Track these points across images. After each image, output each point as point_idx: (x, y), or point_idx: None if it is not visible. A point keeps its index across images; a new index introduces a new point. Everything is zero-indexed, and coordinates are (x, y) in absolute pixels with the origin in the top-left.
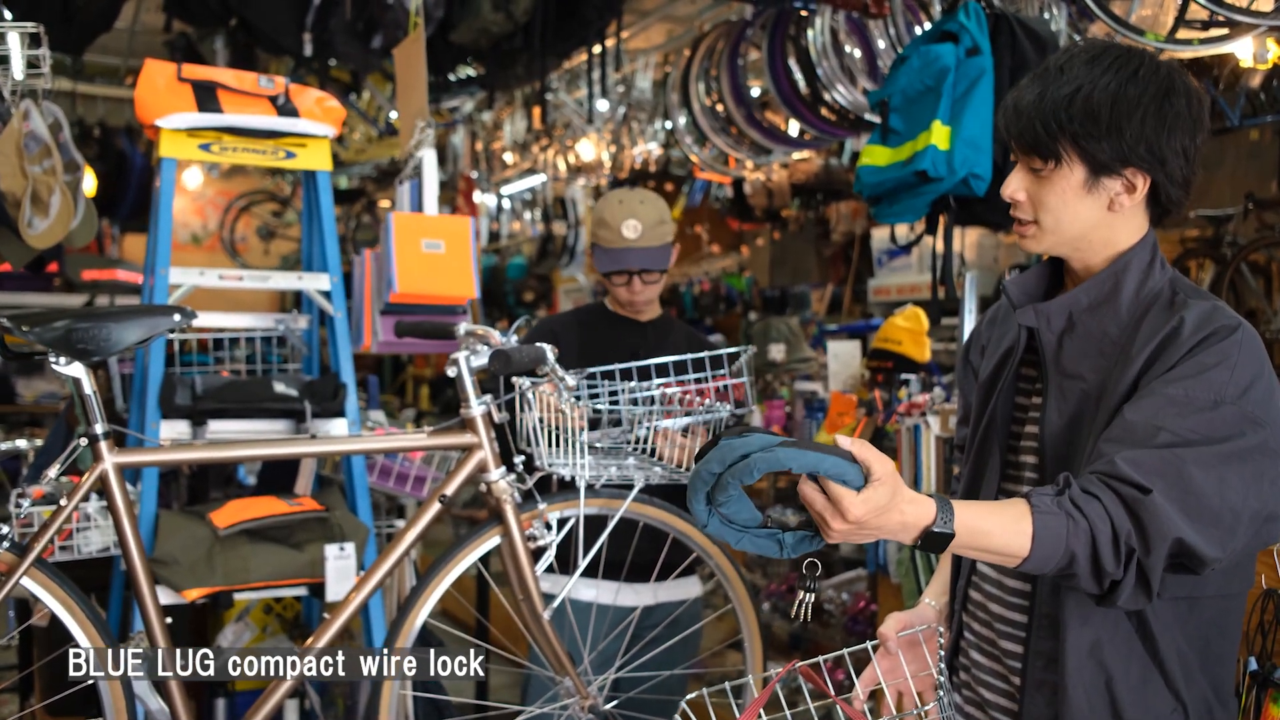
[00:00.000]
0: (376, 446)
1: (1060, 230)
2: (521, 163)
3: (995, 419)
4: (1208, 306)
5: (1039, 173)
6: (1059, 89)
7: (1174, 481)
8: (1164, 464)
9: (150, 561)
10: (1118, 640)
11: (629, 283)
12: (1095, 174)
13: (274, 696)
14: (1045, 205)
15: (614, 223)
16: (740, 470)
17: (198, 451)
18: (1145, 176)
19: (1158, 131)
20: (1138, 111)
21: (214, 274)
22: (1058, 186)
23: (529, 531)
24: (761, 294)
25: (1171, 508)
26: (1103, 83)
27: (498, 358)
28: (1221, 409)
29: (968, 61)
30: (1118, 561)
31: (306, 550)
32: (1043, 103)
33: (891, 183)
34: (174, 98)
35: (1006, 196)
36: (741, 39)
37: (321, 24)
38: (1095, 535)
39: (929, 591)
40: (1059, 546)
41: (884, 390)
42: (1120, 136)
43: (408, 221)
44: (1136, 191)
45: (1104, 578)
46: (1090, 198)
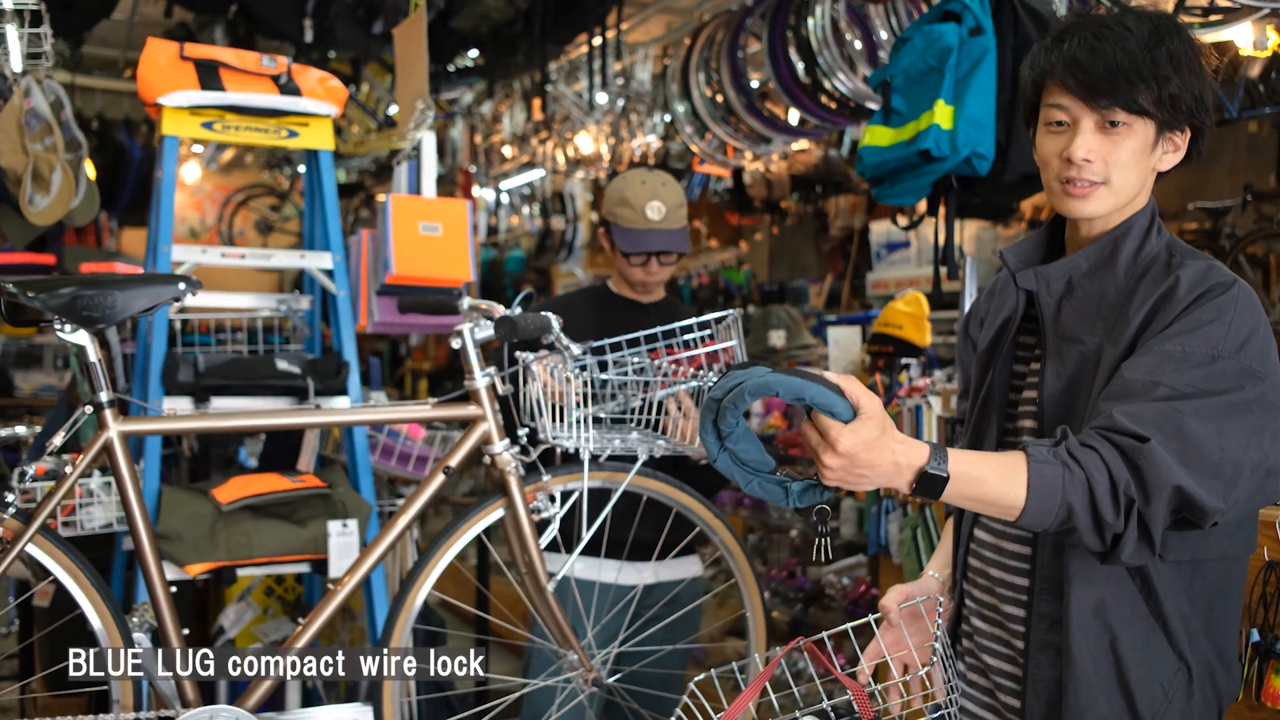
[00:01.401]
0: (380, 417)
1: (1125, 189)
2: (520, 156)
3: (994, 387)
4: (1203, 265)
5: (1115, 129)
6: (1138, 44)
7: (1172, 433)
8: (1161, 416)
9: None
10: (1121, 600)
11: (646, 263)
12: (1161, 129)
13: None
14: (1119, 163)
15: (637, 203)
16: (735, 396)
17: (201, 421)
18: (1188, 132)
19: (1204, 85)
20: (1193, 68)
21: (216, 252)
22: (1130, 144)
23: (533, 504)
24: (760, 288)
25: (1170, 457)
26: (1174, 41)
27: (503, 324)
28: (1219, 363)
29: (970, 41)
30: (1117, 512)
31: (309, 526)
32: (1130, 57)
33: (894, 163)
34: (176, 75)
35: (1079, 158)
36: (741, 29)
37: (322, 10)
38: (1093, 485)
39: (932, 564)
40: (1055, 497)
41: (885, 375)
42: (1193, 91)
43: (405, 204)
44: (1178, 151)
45: (1105, 530)
46: (1151, 156)
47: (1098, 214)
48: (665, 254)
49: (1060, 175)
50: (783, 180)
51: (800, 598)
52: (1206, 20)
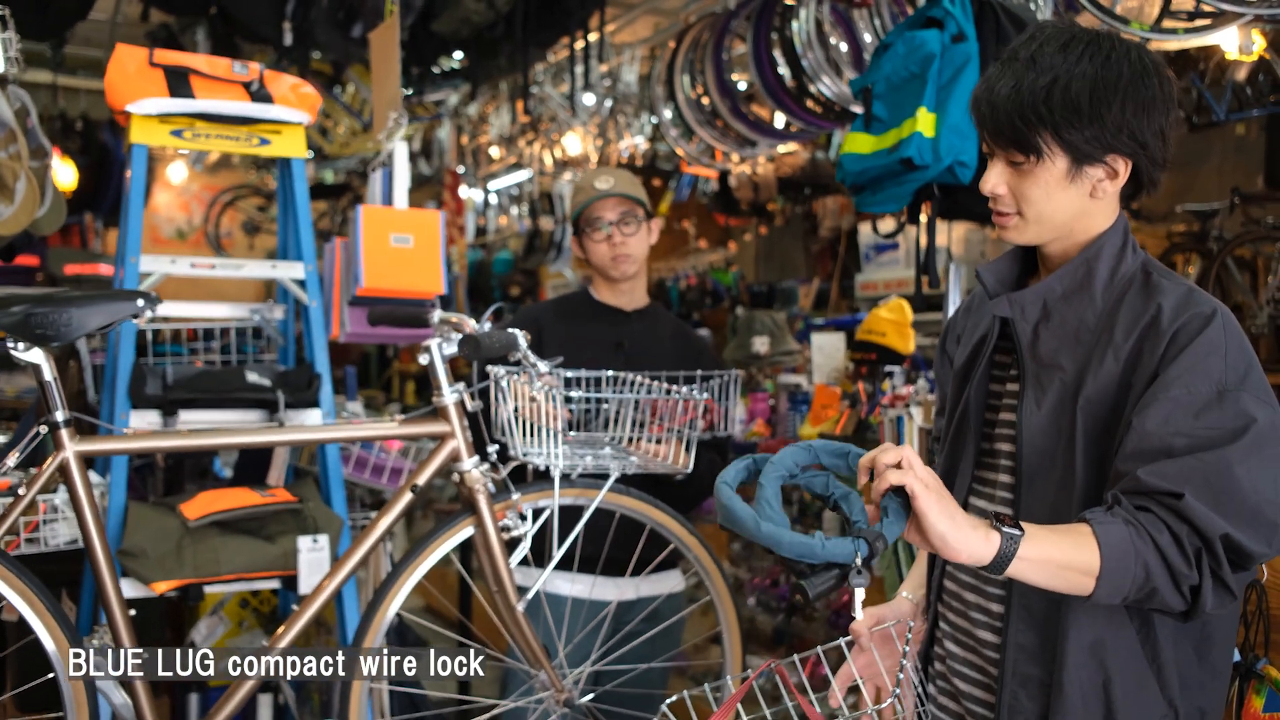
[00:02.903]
0: (344, 435)
1: (1043, 221)
2: (508, 157)
3: (970, 407)
4: (1182, 291)
5: (1019, 166)
6: (1034, 80)
7: (1201, 485)
8: (1188, 470)
9: (119, 554)
10: (1119, 642)
11: (609, 236)
12: (1078, 163)
13: (238, 693)
14: (1028, 198)
15: (586, 182)
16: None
17: (160, 440)
18: (1127, 161)
19: (1137, 115)
20: (1117, 97)
21: (185, 262)
22: (1040, 179)
23: (503, 522)
24: (749, 289)
25: (1208, 510)
26: (1079, 71)
27: (467, 343)
28: (1227, 397)
29: (953, 48)
30: (1189, 563)
31: (279, 542)
32: (1020, 95)
33: (875, 171)
34: (145, 83)
35: (987, 191)
36: (726, 31)
37: (302, 13)
38: (1158, 542)
39: (906, 584)
40: (1129, 556)
41: (868, 382)
42: (1102, 125)
43: (377, 215)
44: (1119, 177)
45: (1182, 583)
46: (1073, 187)
47: (1023, 242)
48: (624, 222)
49: (989, 204)
50: (769, 183)
51: (783, 607)
52: (1192, 25)
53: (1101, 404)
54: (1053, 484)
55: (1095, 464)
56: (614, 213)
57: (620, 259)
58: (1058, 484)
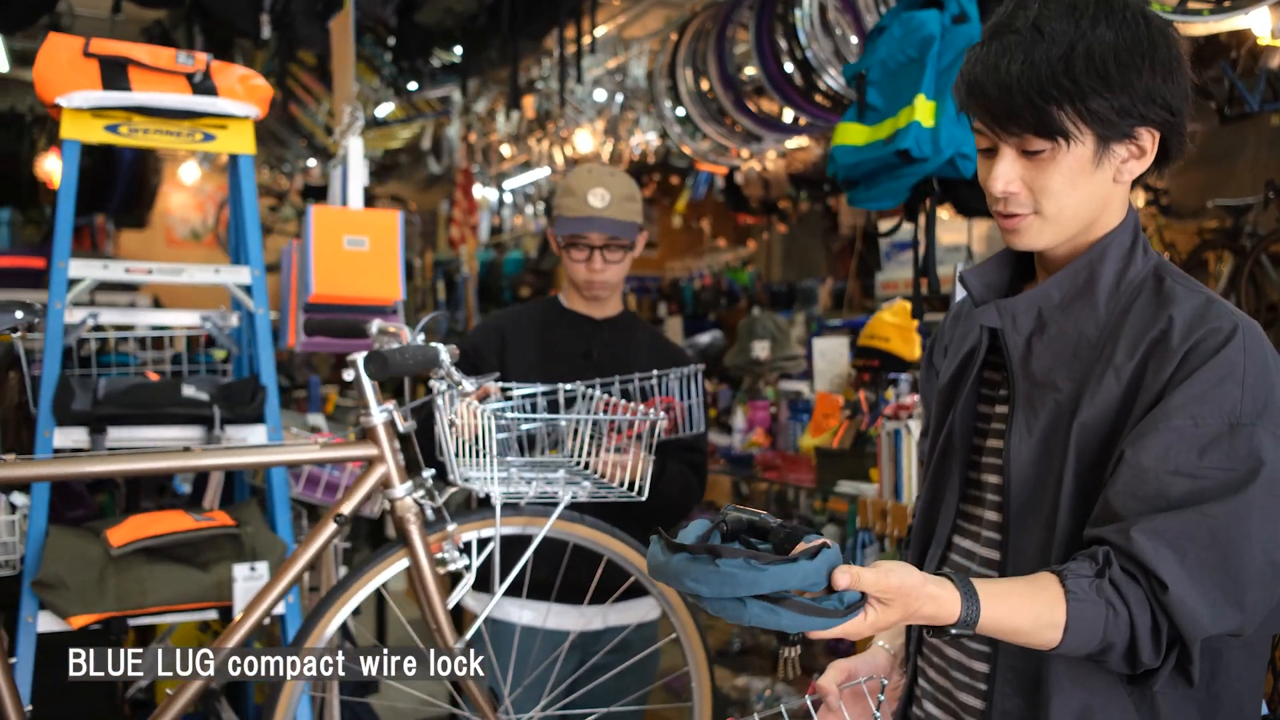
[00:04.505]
0: (256, 460)
1: (1064, 218)
2: (519, 155)
3: (954, 432)
4: (1199, 301)
5: (1037, 155)
6: (1048, 51)
7: (1198, 556)
8: (1188, 531)
9: (34, 584)
10: (1111, 708)
11: (589, 258)
12: (1105, 142)
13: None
14: (1048, 191)
15: (579, 190)
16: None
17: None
18: (1154, 135)
19: (1166, 80)
20: (1145, 61)
21: (119, 266)
22: (1063, 166)
23: (438, 555)
24: (768, 289)
25: (1196, 600)
26: (1097, 35)
27: (373, 361)
28: (1239, 433)
29: (954, 29)
30: (1157, 653)
31: (213, 570)
32: (1035, 70)
33: (870, 164)
34: (76, 74)
35: (998, 191)
36: (729, 21)
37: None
38: (1135, 626)
39: (883, 634)
40: (1094, 638)
41: (870, 390)
42: (1133, 93)
43: (329, 216)
44: (1144, 156)
45: (1138, 665)
46: (1098, 172)
47: (1039, 246)
48: (610, 249)
49: (993, 205)
50: (780, 179)
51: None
52: (1220, 7)
53: (1098, 432)
54: (1043, 523)
55: (1083, 502)
56: (600, 238)
57: (596, 284)
58: (1047, 523)
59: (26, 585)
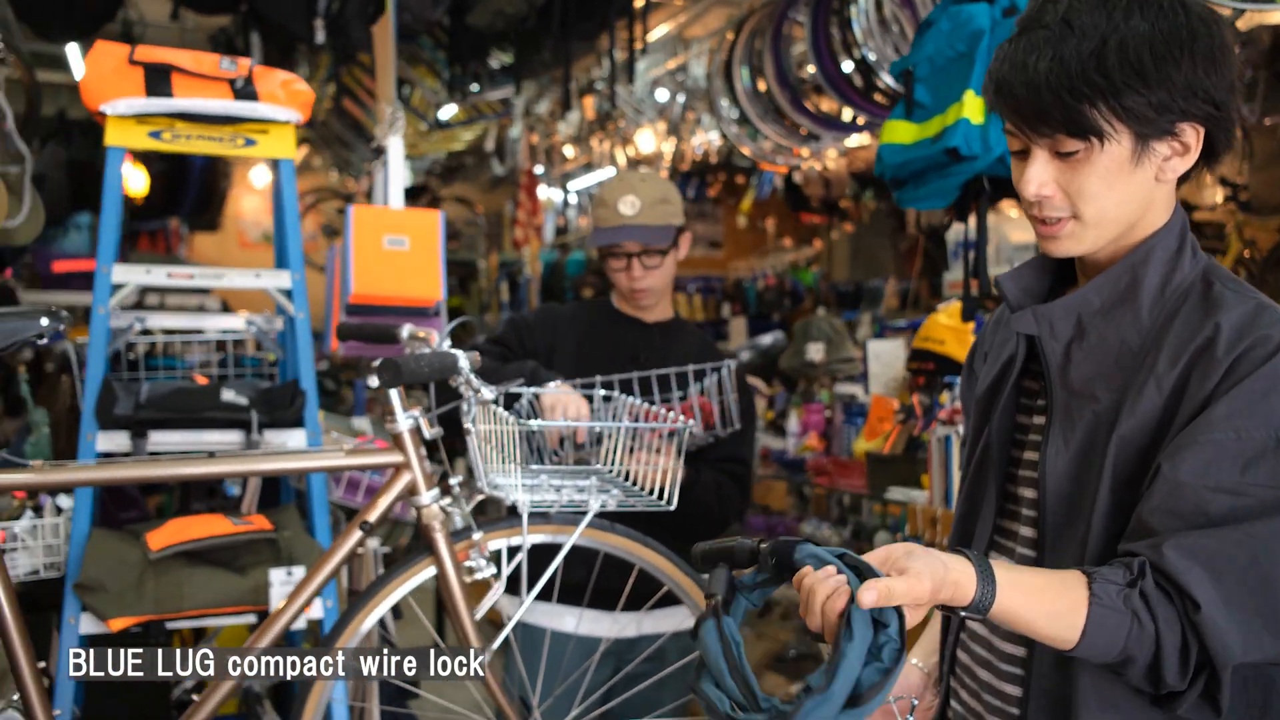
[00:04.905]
0: (282, 466)
1: (1105, 221)
2: (581, 156)
3: (991, 444)
4: (1250, 308)
5: (1070, 156)
6: (1078, 46)
7: (1247, 565)
8: (1227, 550)
9: (75, 587)
10: None
11: (628, 266)
12: (1144, 139)
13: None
14: (1086, 193)
15: (610, 199)
16: None
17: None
18: (1198, 130)
19: (1209, 72)
20: (1184, 52)
21: (161, 271)
22: (1099, 166)
23: (465, 563)
24: (835, 289)
25: (1230, 624)
26: (1131, 27)
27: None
28: None
29: (1004, 23)
30: (1184, 675)
31: (251, 575)
32: (1065, 66)
33: (918, 162)
34: (121, 81)
35: (1031, 195)
36: (785, 18)
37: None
38: (1161, 644)
39: (916, 649)
40: (1114, 648)
41: (925, 394)
42: (1171, 87)
43: (369, 215)
44: (1189, 152)
45: (1161, 685)
46: (1138, 171)
47: (1079, 252)
48: (647, 255)
49: (1027, 211)
50: (841, 178)
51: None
52: None
53: (1137, 445)
54: (1079, 540)
55: (1119, 519)
56: (635, 246)
57: (639, 293)
58: (1082, 540)
59: (69, 588)
